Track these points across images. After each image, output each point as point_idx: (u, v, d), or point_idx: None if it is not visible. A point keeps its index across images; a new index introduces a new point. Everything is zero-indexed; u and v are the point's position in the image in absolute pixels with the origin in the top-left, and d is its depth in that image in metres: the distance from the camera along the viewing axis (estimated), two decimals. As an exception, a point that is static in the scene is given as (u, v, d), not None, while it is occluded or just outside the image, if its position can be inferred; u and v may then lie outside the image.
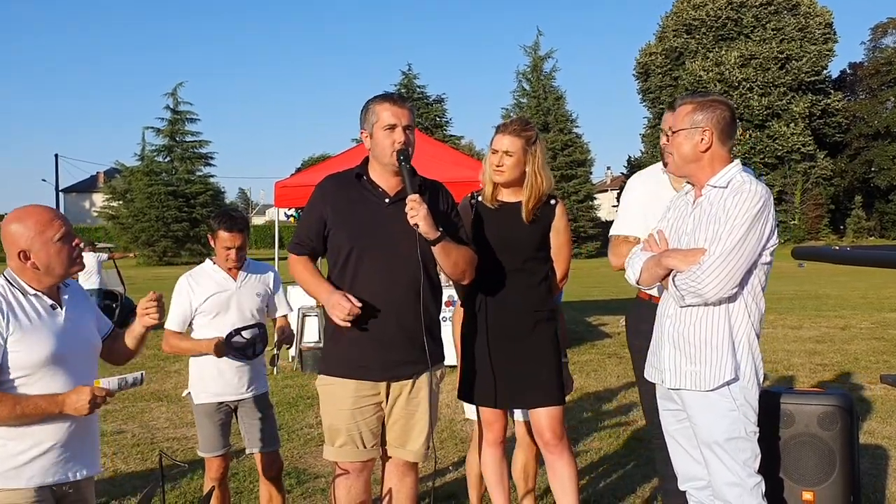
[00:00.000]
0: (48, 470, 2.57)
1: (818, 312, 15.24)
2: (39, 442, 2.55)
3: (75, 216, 77.15)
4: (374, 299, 3.12)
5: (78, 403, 2.53)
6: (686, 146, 2.89)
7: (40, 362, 2.55)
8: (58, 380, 2.58)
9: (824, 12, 53.10)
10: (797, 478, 3.35)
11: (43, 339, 2.57)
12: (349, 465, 3.23)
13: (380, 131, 3.15)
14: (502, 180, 3.59)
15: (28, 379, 2.54)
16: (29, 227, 2.58)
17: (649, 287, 3.13)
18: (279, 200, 10.39)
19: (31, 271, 2.60)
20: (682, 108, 2.93)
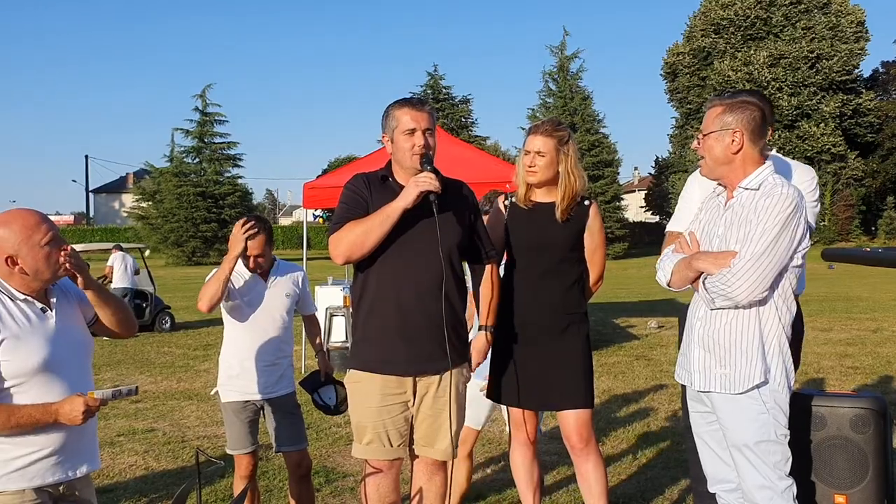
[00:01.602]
0: (48, 471, 2.57)
1: (849, 315, 15.06)
2: (40, 446, 2.54)
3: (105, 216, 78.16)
4: (401, 296, 3.15)
5: (72, 413, 2.50)
6: (717, 149, 2.87)
7: (34, 369, 2.52)
8: (53, 385, 2.55)
9: (856, 10, 52.33)
10: (829, 481, 3.31)
11: (35, 345, 2.53)
12: (378, 463, 3.25)
13: (400, 136, 3.18)
14: (535, 181, 3.60)
15: (22, 387, 2.51)
16: (15, 231, 2.53)
17: (680, 289, 3.11)
18: (307, 202, 10.44)
19: (20, 276, 2.56)
20: (711, 111, 2.92)
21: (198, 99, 49.77)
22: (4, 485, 2.51)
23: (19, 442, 2.51)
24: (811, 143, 50.00)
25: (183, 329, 14.97)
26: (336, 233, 3.17)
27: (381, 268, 3.18)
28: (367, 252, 3.13)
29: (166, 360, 11.22)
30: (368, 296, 3.22)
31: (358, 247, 3.11)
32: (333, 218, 3.25)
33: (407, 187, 3.09)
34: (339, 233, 3.16)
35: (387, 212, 3.08)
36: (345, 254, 3.15)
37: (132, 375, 9.97)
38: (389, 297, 3.16)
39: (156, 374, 10.04)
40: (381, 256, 3.16)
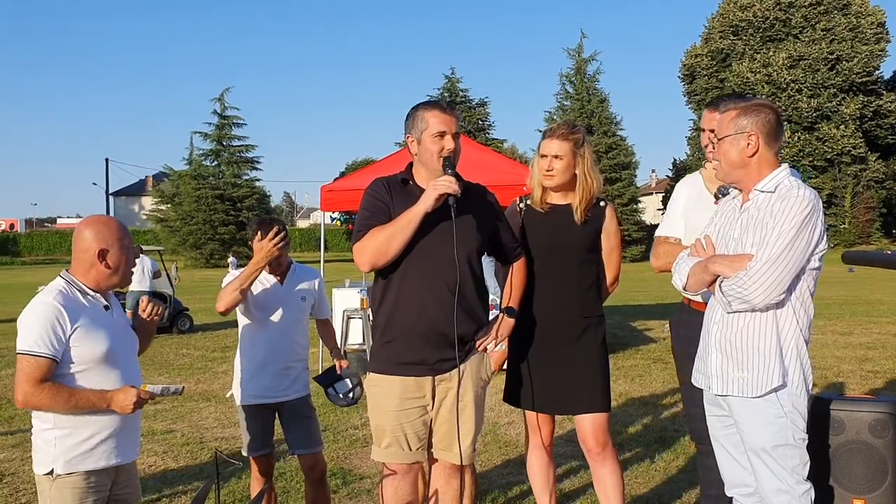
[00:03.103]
0: (110, 453, 2.84)
1: (869, 318, 14.93)
2: (101, 429, 2.81)
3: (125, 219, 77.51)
4: (423, 299, 3.16)
5: (125, 402, 2.78)
6: (732, 152, 2.86)
7: (98, 358, 2.80)
8: (110, 374, 2.83)
9: (876, 11, 51.92)
10: (848, 485, 3.30)
11: (101, 336, 2.81)
12: (396, 465, 3.26)
13: (429, 138, 3.18)
14: (553, 184, 3.61)
15: (84, 373, 2.78)
16: (112, 229, 2.89)
17: (696, 293, 3.12)
18: (325, 204, 10.48)
19: (101, 271, 2.86)
20: (726, 114, 2.91)
21: (216, 102, 50.22)
22: (75, 466, 2.77)
23: (83, 425, 2.77)
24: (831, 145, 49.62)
25: (201, 331, 15.06)
26: (360, 241, 3.17)
27: (403, 271, 3.18)
28: (392, 258, 3.13)
29: (185, 361, 11.29)
30: (389, 299, 3.22)
31: (382, 253, 3.12)
32: (356, 225, 3.24)
33: (426, 191, 3.10)
34: (362, 241, 3.16)
35: (408, 217, 3.09)
36: (370, 261, 3.15)
37: (151, 377, 10.02)
38: (411, 300, 3.17)
39: (174, 376, 10.11)
40: (402, 260, 3.16)
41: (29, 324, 2.72)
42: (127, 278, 2.96)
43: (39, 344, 2.69)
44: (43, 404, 2.71)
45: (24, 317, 2.75)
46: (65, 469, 2.75)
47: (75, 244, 2.88)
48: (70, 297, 2.81)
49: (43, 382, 2.69)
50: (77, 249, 2.87)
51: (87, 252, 2.85)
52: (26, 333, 2.71)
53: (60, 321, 2.72)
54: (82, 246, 2.86)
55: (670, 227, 3.60)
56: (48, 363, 2.70)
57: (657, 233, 3.66)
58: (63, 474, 2.75)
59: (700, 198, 3.52)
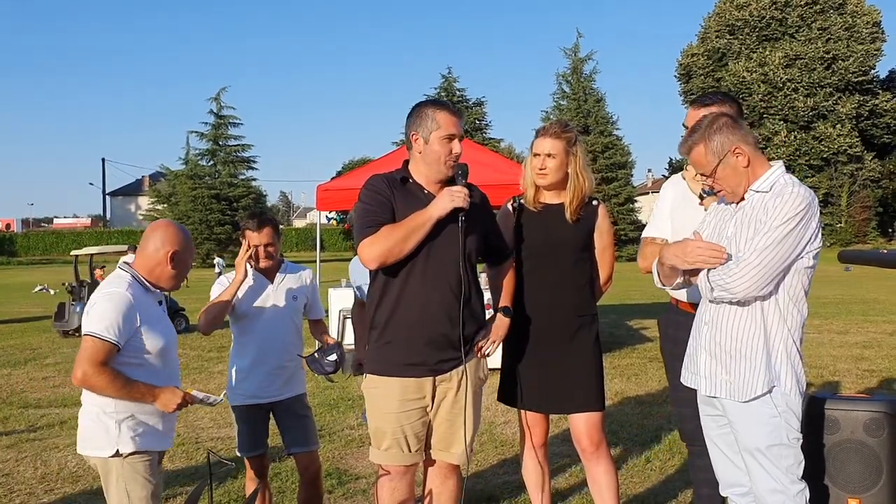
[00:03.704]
0: (164, 438, 3.10)
1: (865, 317, 14.94)
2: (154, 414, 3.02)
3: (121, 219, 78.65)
4: (425, 301, 3.15)
5: (170, 401, 2.97)
6: (731, 176, 2.82)
7: (153, 350, 3.00)
8: (159, 368, 3.04)
9: (872, 11, 52.00)
10: (842, 485, 3.29)
11: (159, 332, 3.03)
12: (393, 467, 3.25)
13: (437, 140, 3.15)
14: (546, 183, 3.61)
15: (138, 365, 2.97)
16: (183, 235, 3.11)
17: (674, 288, 3.10)
18: (321, 204, 10.47)
19: (167, 271, 3.06)
20: (696, 151, 2.83)
21: (213, 102, 50.08)
22: (138, 446, 2.97)
23: (141, 410, 2.97)
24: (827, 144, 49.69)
25: (197, 331, 15.01)
26: (371, 237, 3.08)
27: (406, 272, 3.15)
28: (402, 258, 3.10)
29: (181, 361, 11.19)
30: (390, 299, 3.19)
31: (395, 253, 3.07)
32: (360, 220, 3.16)
33: (441, 197, 3.08)
34: (373, 237, 3.08)
35: (422, 219, 3.07)
36: (380, 258, 3.08)
37: (147, 377, 10.02)
38: (413, 301, 3.14)
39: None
40: (404, 262, 3.13)
41: (104, 309, 2.88)
42: (181, 282, 3.17)
43: (110, 330, 2.85)
44: (98, 386, 2.87)
45: (99, 302, 2.91)
46: (130, 449, 2.94)
47: (146, 243, 3.06)
48: (140, 291, 3.01)
49: (104, 366, 2.85)
50: (147, 249, 3.05)
51: (157, 252, 3.04)
52: (100, 318, 2.86)
53: (132, 313, 2.91)
54: (154, 246, 3.04)
55: (657, 228, 3.61)
56: (112, 349, 2.86)
57: (644, 234, 3.67)
58: (128, 454, 2.94)
59: (685, 198, 3.52)
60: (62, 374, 10.43)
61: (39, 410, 8.04)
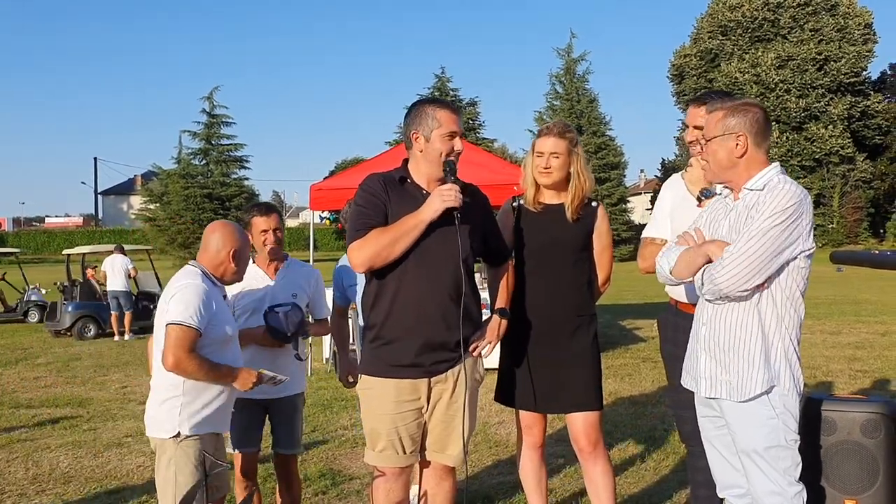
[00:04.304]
0: (218, 422, 3.31)
1: (857, 318, 14.98)
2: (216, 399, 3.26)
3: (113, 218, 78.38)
4: (421, 302, 3.12)
5: (247, 380, 3.26)
6: (721, 153, 2.84)
7: (223, 338, 3.27)
8: (227, 353, 3.30)
9: (864, 12, 52.17)
10: (839, 486, 3.29)
11: (226, 320, 3.31)
12: (388, 468, 3.23)
13: (439, 137, 3.15)
14: (549, 182, 3.61)
15: (212, 349, 3.20)
16: (241, 235, 3.42)
17: (680, 280, 3.08)
18: (314, 203, 10.44)
19: (230, 267, 3.35)
20: (713, 115, 2.88)
21: (205, 101, 49.88)
22: (198, 429, 3.20)
23: (204, 394, 3.21)
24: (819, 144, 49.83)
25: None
26: (360, 240, 3.09)
27: (400, 273, 3.13)
28: (391, 262, 3.09)
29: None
30: (385, 301, 3.17)
31: (383, 257, 3.07)
32: (352, 222, 3.17)
33: (432, 200, 3.06)
34: (362, 241, 3.08)
35: (413, 222, 3.06)
36: (368, 262, 3.09)
37: (140, 377, 9.98)
38: (409, 303, 3.12)
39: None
40: (400, 262, 3.12)
41: (186, 298, 3.13)
42: (242, 276, 3.47)
43: (194, 317, 3.10)
44: (190, 370, 3.10)
45: (179, 292, 3.15)
46: (190, 431, 3.17)
47: (209, 243, 3.34)
48: (210, 283, 3.27)
49: (192, 351, 3.10)
50: (210, 248, 3.33)
51: (220, 253, 3.32)
52: (184, 307, 3.10)
53: (209, 302, 3.17)
54: (217, 245, 3.32)
55: (657, 229, 3.60)
56: (196, 334, 3.11)
57: (644, 234, 3.66)
58: (188, 436, 3.17)
59: (684, 199, 3.52)
60: (54, 374, 10.38)
61: (31, 410, 8.00)
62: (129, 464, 5.89)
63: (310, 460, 5.84)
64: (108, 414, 7.73)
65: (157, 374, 3.28)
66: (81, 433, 6.92)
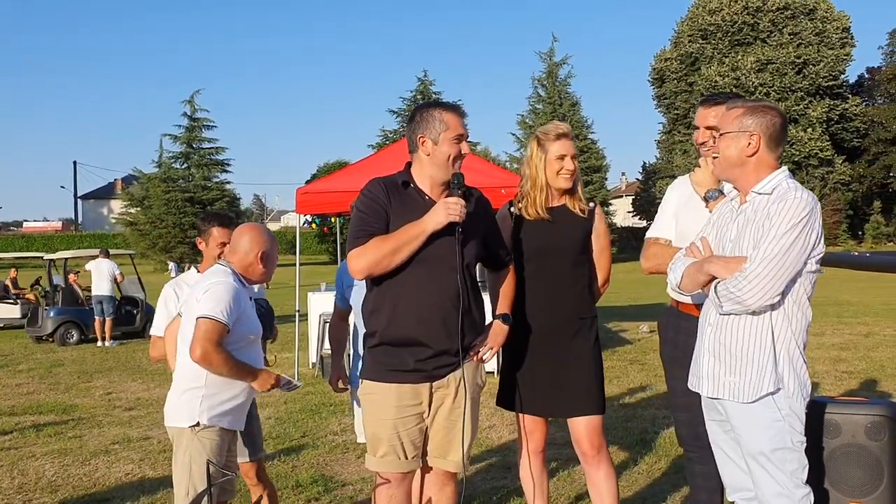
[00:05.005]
0: (235, 419, 3.38)
1: (840, 319, 15.11)
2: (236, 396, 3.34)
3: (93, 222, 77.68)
4: (421, 309, 3.09)
5: (266, 380, 3.35)
6: (732, 149, 2.84)
7: (248, 337, 3.35)
8: (250, 352, 3.37)
9: (842, 17, 52.78)
10: (844, 489, 3.28)
11: (251, 319, 3.39)
12: (390, 474, 3.19)
13: (447, 141, 3.12)
14: (571, 185, 3.62)
15: (237, 347, 3.28)
16: (269, 236, 3.48)
17: (690, 293, 3.08)
18: (300, 207, 10.37)
19: (258, 269, 3.41)
20: (731, 111, 2.88)
21: (186, 104, 49.56)
22: (216, 421, 3.28)
23: (226, 390, 3.28)
24: (799, 147, 50.31)
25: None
26: (360, 248, 3.05)
27: (402, 280, 3.09)
28: (391, 270, 3.06)
29: (158, 366, 11.09)
30: (387, 308, 3.13)
31: (383, 266, 3.04)
32: (353, 228, 3.13)
33: (437, 211, 3.03)
34: (362, 248, 3.05)
35: (415, 232, 3.02)
36: (367, 270, 3.06)
37: (124, 383, 9.88)
38: (410, 310, 3.09)
39: (148, 382, 9.95)
40: (401, 269, 3.08)
41: (218, 294, 3.20)
42: (271, 276, 3.53)
43: (224, 313, 3.18)
44: (216, 363, 3.18)
45: (212, 288, 3.22)
46: (209, 422, 3.24)
47: (238, 245, 3.40)
48: (239, 282, 3.33)
49: (219, 345, 3.17)
50: (240, 250, 3.39)
51: (250, 253, 3.39)
52: (215, 302, 3.18)
53: (238, 299, 3.26)
54: (245, 248, 3.39)
55: (661, 229, 3.59)
56: (224, 329, 3.19)
57: (648, 234, 3.64)
58: (206, 426, 3.24)
59: (690, 200, 3.51)
60: (36, 381, 10.24)
61: (14, 418, 7.88)
62: (118, 471, 5.81)
63: (301, 466, 5.79)
64: (93, 421, 7.63)
65: (180, 366, 3.35)
66: (67, 440, 6.82)
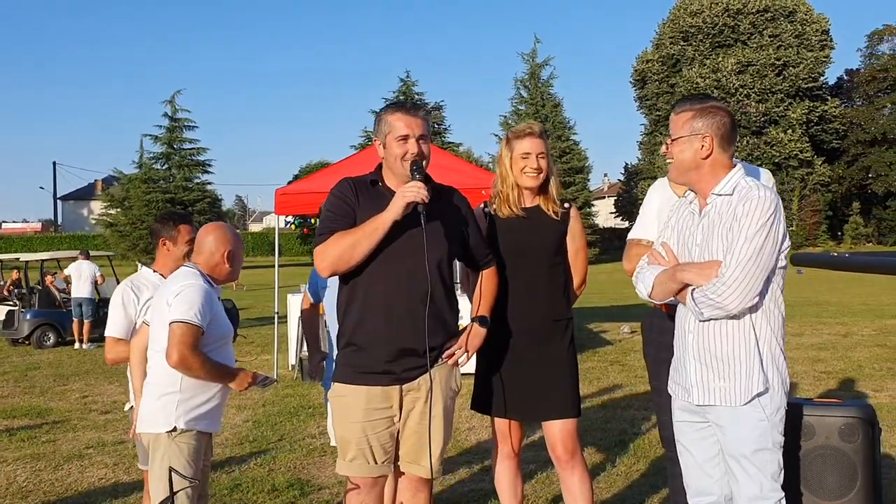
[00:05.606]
0: (212, 421, 3.34)
1: (819, 319, 15.21)
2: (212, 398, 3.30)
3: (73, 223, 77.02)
4: (390, 307, 3.06)
5: (242, 380, 3.32)
6: (686, 153, 2.82)
7: (220, 338, 3.32)
8: (223, 352, 3.34)
9: (821, 19, 53.26)
10: (818, 491, 3.26)
11: (223, 320, 3.35)
12: (360, 479, 3.15)
13: (393, 142, 3.08)
14: (538, 184, 3.56)
15: (212, 348, 3.25)
16: (234, 235, 3.43)
17: (662, 301, 3.05)
18: (279, 208, 10.29)
19: (225, 268, 3.37)
20: (680, 115, 2.87)
21: (167, 105, 49.25)
22: (193, 425, 3.23)
23: (201, 393, 3.25)
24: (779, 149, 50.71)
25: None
26: (322, 245, 3.04)
27: (370, 278, 3.07)
28: (355, 264, 3.02)
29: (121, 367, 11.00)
30: (356, 307, 3.11)
31: (345, 260, 3.01)
32: (319, 227, 3.12)
33: (394, 198, 2.98)
34: (324, 245, 3.04)
35: (375, 224, 2.98)
36: (331, 267, 3.04)
37: (101, 386, 9.77)
38: (378, 309, 3.06)
39: (125, 385, 9.79)
40: (369, 266, 3.05)
41: (189, 297, 3.15)
42: (237, 276, 3.49)
43: (198, 315, 3.14)
44: (194, 367, 3.14)
45: (183, 291, 3.17)
46: (186, 426, 3.20)
47: (203, 245, 3.35)
48: (209, 284, 3.29)
49: (196, 348, 3.14)
50: (205, 250, 3.34)
51: (216, 253, 3.33)
52: (188, 306, 3.13)
53: (210, 301, 3.22)
54: (211, 248, 3.34)
55: (644, 230, 3.57)
56: (199, 332, 3.15)
57: (630, 235, 3.62)
58: (183, 430, 3.19)
59: (670, 202, 3.49)
60: (11, 384, 10.11)
61: (-13, 422, 7.76)
62: (91, 476, 5.73)
63: (277, 470, 5.73)
64: (68, 425, 7.53)
65: (153, 372, 3.30)
66: (40, 445, 6.72)
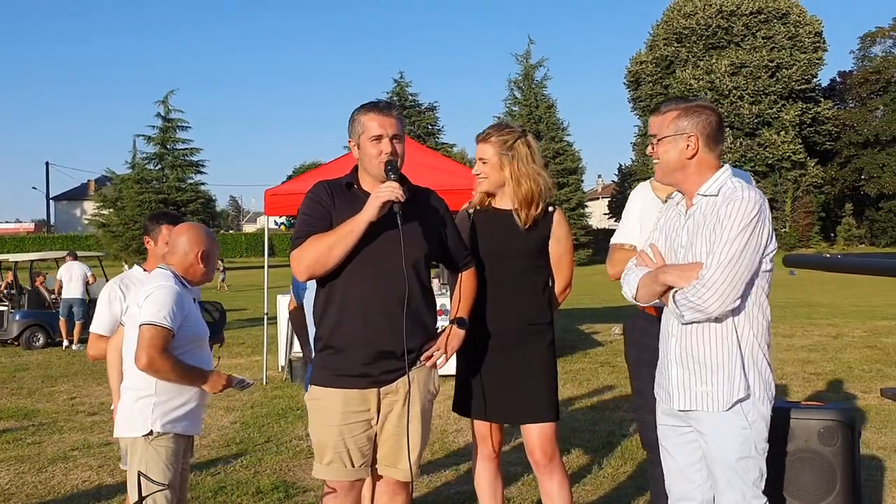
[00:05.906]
0: (191, 424, 3.31)
1: (809, 320, 15.23)
2: (189, 400, 3.27)
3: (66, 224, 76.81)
4: (367, 309, 3.04)
5: (216, 383, 3.29)
6: (671, 153, 2.79)
7: (194, 339, 3.29)
8: (197, 354, 3.30)
9: (814, 21, 53.43)
10: (797, 494, 3.25)
11: (197, 322, 3.34)
12: (337, 483, 3.12)
13: (367, 142, 3.05)
14: (484, 188, 3.53)
15: (184, 351, 3.22)
16: (208, 235, 3.40)
17: (647, 303, 3.03)
18: (269, 208, 10.26)
19: (199, 269, 3.34)
20: (666, 115, 2.83)
21: (160, 105, 49.15)
22: (170, 428, 3.20)
23: (177, 395, 3.22)
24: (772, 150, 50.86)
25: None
26: (298, 249, 3.02)
27: (347, 281, 3.05)
28: (332, 267, 3.00)
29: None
30: (333, 309, 3.09)
31: (321, 264, 2.99)
32: (295, 231, 3.10)
33: (370, 199, 2.96)
34: (300, 249, 3.02)
35: (350, 226, 2.96)
36: (307, 271, 3.03)
37: (89, 387, 9.72)
38: (355, 311, 3.04)
39: (113, 386, 9.79)
40: (345, 268, 3.03)
41: (160, 300, 3.12)
42: (212, 276, 3.45)
43: (168, 318, 3.11)
44: (163, 370, 3.11)
45: (154, 293, 3.14)
46: (162, 429, 3.17)
47: (176, 246, 3.32)
48: (182, 285, 3.26)
49: (165, 351, 3.10)
50: (179, 251, 3.31)
51: (189, 253, 3.31)
52: (158, 308, 3.10)
53: (181, 303, 3.18)
54: (185, 248, 3.31)
55: (626, 235, 3.56)
56: (169, 334, 3.12)
57: (613, 240, 3.61)
58: (160, 434, 3.17)
59: (654, 205, 3.47)
60: (-2, 386, 10.06)
61: (-27, 424, 7.72)
62: (74, 478, 5.70)
63: (263, 472, 5.71)
64: (54, 426, 7.49)
65: (129, 375, 3.27)
66: (25, 447, 6.68)
